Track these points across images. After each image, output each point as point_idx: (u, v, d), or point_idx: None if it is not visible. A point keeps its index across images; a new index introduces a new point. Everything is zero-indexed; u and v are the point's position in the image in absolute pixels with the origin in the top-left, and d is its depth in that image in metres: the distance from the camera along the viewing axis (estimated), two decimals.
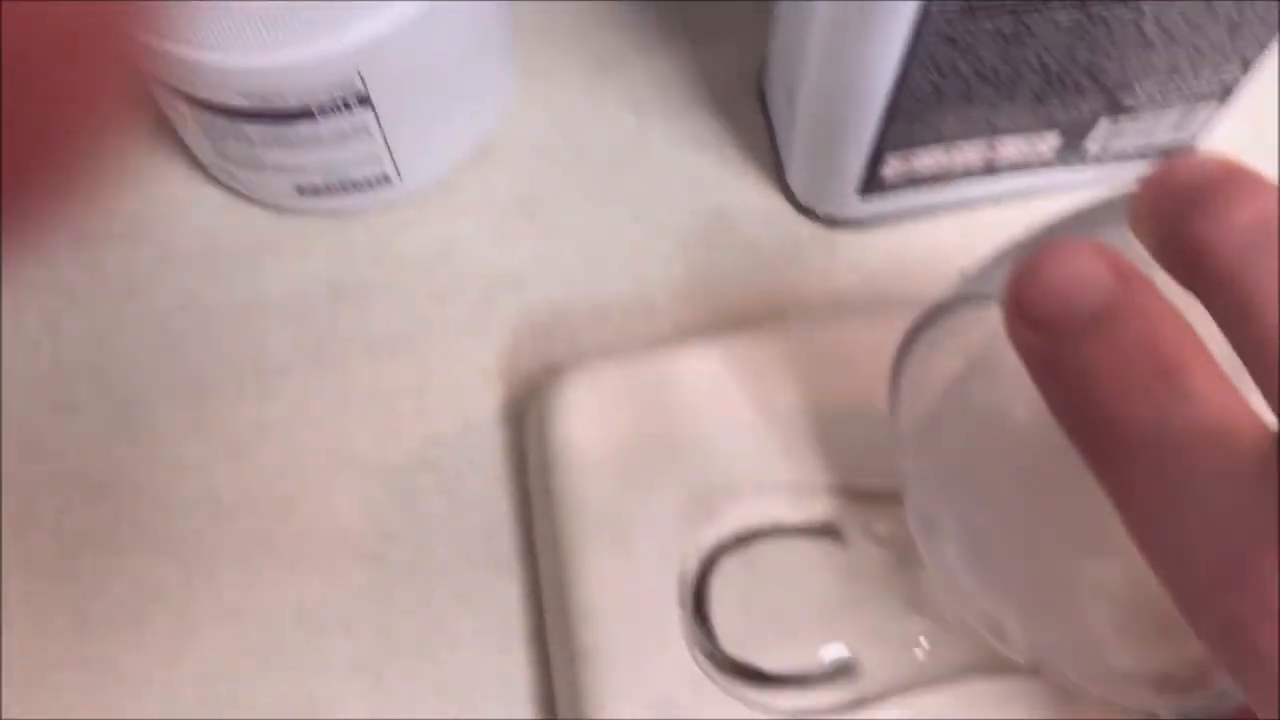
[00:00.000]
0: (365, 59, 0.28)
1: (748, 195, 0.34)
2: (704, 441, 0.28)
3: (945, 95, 0.28)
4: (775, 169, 0.35)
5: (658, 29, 0.36)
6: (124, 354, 0.33)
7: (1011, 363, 0.18)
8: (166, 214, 0.35)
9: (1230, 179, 0.17)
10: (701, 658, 0.27)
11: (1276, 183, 0.17)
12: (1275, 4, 0.27)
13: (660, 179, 0.35)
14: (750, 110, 0.35)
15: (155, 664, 0.30)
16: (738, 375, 0.29)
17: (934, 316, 0.22)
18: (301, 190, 0.32)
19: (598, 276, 0.34)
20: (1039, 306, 0.17)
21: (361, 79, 0.28)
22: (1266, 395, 0.16)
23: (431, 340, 0.33)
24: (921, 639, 0.27)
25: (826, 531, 0.28)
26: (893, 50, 0.27)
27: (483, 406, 0.32)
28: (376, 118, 0.30)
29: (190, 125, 0.31)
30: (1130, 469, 0.16)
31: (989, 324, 0.19)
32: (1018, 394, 0.18)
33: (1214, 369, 0.16)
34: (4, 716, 0.30)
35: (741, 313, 0.33)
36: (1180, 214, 0.17)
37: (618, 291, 0.33)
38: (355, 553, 0.31)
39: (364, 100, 0.29)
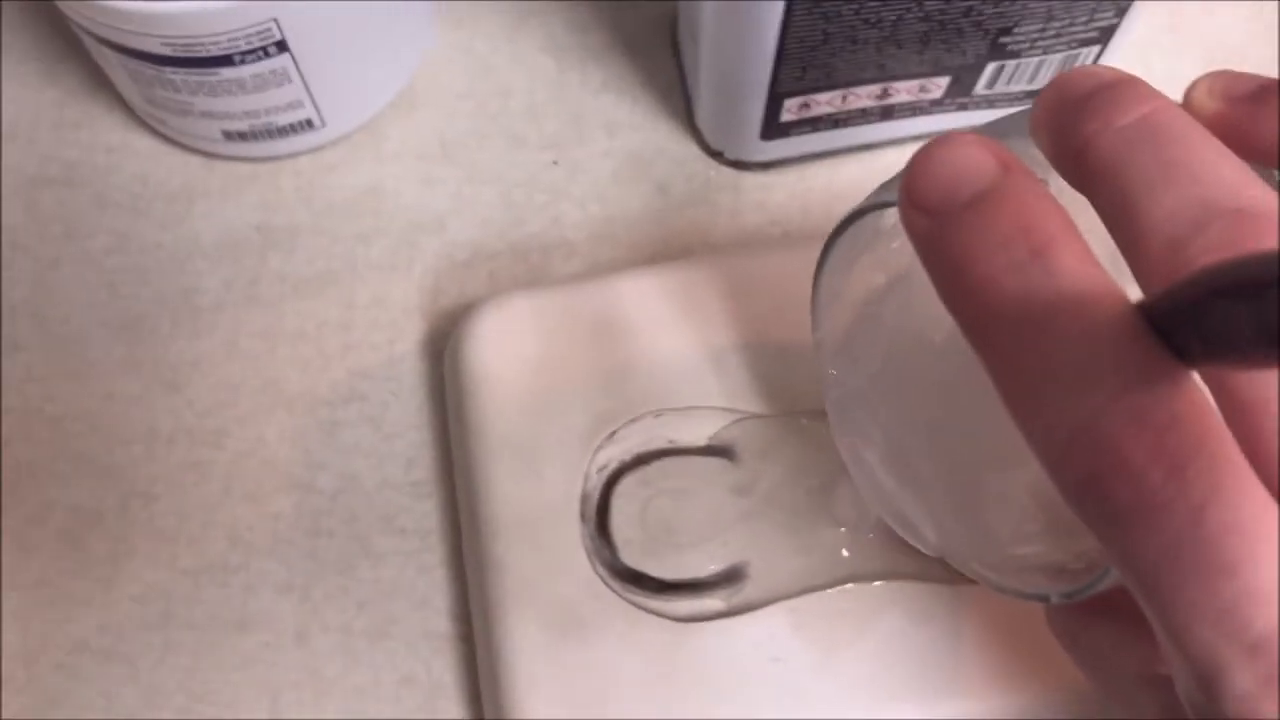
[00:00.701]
0: (281, 5, 0.29)
1: (660, 139, 0.36)
2: (608, 369, 0.30)
3: (833, 39, 0.30)
4: (686, 113, 0.36)
5: None
6: (62, 293, 0.34)
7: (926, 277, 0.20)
8: (102, 160, 0.36)
9: (1116, 85, 0.18)
10: (601, 568, 0.28)
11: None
12: None
13: (577, 123, 0.36)
14: (663, 56, 0.37)
15: (94, 586, 0.32)
16: (641, 308, 0.31)
17: (847, 225, 0.23)
18: (229, 135, 0.34)
19: (517, 217, 0.35)
20: (925, 192, 0.18)
21: (278, 25, 0.30)
22: (1139, 279, 0.17)
23: (357, 279, 0.34)
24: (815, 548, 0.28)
25: (720, 452, 0.30)
26: None
27: (406, 341, 0.34)
28: (295, 63, 0.31)
29: (119, 73, 0.32)
30: (999, 338, 0.17)
31: (907, 242, 0.21)
32: (934, 307, 0.20)
33: (1080, 247, 0.17)
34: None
35: (654, 251, 0.35)
36: (1070, 117, 0.18)
37: (536, 231, 0.35)
38: (284, 480, 0.33)
39: (282, 46, 0.30)
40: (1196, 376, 0.16)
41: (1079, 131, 0.18)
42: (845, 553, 0.28)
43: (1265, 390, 0.16)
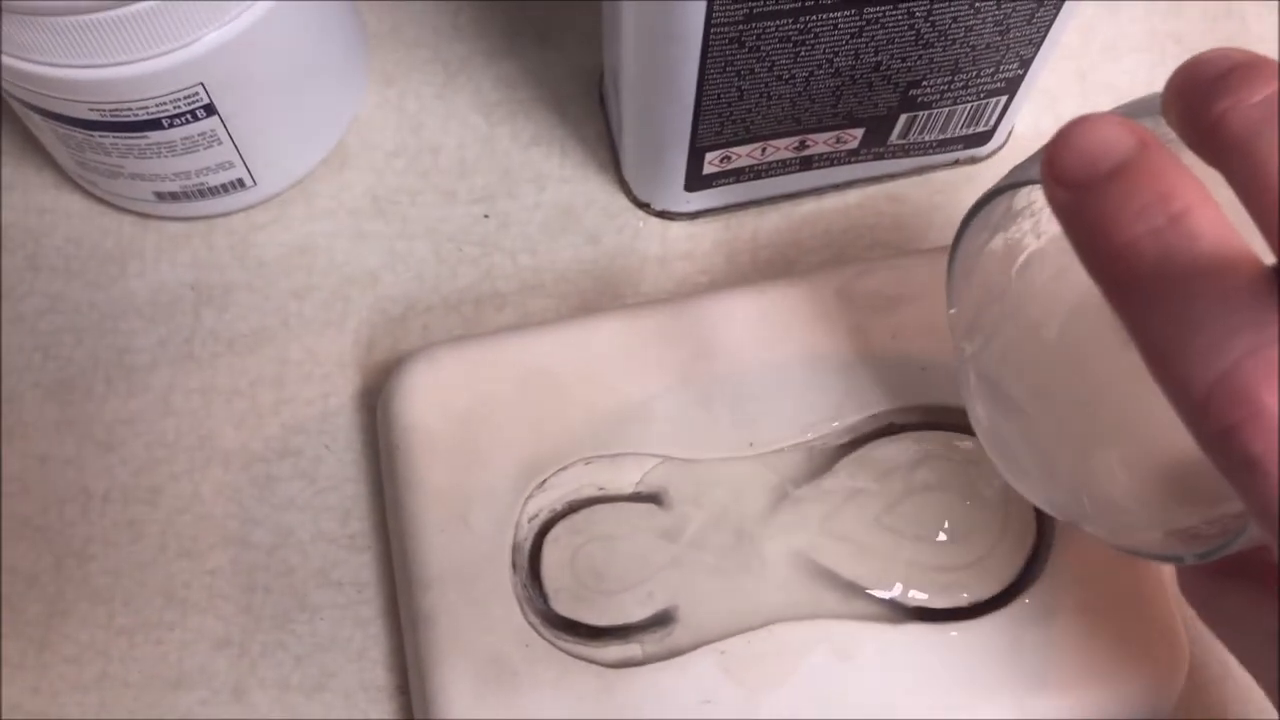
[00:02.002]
0: (206, 68, 0.30)
1: (590, 190, 0.37)
2: (538, 419, 0.30)
3: (748, 95, 0.31)
4: (614, 165, 0.37)
5: (503, 34, 0.39)
6: None
7: (1059, 253, 0.20)
8: (34, 222, 0.36)
9: (1246, 65, 0.19)
10: (533, 616, 0.29)
11: None
12: (1035, 5, 0.30)
13: (507, 177, 0.37)
14: (591, 110, 0.38)
15: (28, 648, 0.32)
16: (570, 357, 0.31)
17: (981, 206, 0.24)
18: (160, 196, 0.34)
19: (449, 270, 0.36)
20: (1068, 167, 0.19)
21: (205, 89, 0.30)
22: (1274, 247, 0.18)
23: (290, 335, 0.35)
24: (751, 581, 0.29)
25: (649, 498, 0.30)
26: (690, 53, 0.29)
27: (340, 396, 0.34)
28: (224, 125, 0.32)
29: (48, 136, 0.33)
30: (1140, 298, 0.18)
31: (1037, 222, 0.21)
32: (1061, 284, 0.21)
33: (1215, 214, 0.18)
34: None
35: (584, 300, 0.36)
36: (1201, 96, 0.19)
37: (468, 284, 0.36)
38: (220, 536, 0.33)
39: (210, 109, 0.31)
40: None
41: (1211, 109, 0.19)
42: (772, 594, 0.29)
43: None
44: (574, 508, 0.30)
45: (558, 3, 0.39)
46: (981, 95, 0.33)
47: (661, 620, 0.29)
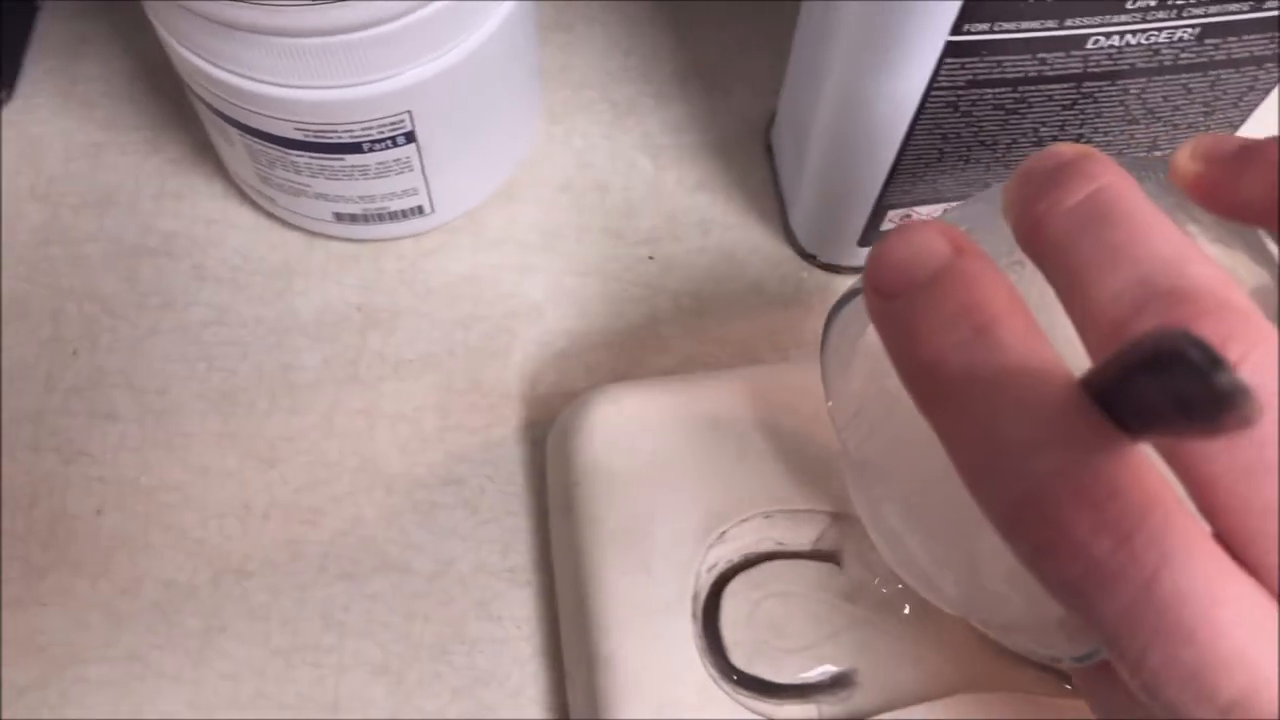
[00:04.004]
0: (416, 97, 0.30)
1: (753, 238, 0.37)
2: (717, 467, 0.30)
3: (946, 157, 0.31)
4: (779, 214, 0.37)
5: (671, 79, 0.39)
6: (159, 364, 0.35)
7: None
8: (201, 232, 0.36)
9: (1069, 167, 0.19)
10: (711, 668, 0.29)
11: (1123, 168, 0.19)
12: (1245, 89, 0.30)
13: (672, 220, 0.37)
14: (757, 158, 0.38)
15: (185, 662, 0.32)
16: (750, 406, 0.31)
17: (843, 304, 0.24)
18: (339, 217, 0.34)
19: (613, 309, 0.36)
20: (883, 276, 0.19)
21: (411, 116, 0.31)
22: (1092, 358, 0.18)
23: (455, 363, 0.35)
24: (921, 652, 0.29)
25: (827, 556, 0.30)
26: (903, 116, 0.29)
27: (503, 427, 0.34)
28: (419, 153, 0.32)
29: (237, 150, 0.33)
30: (947, 412, 0.17)
31: None
32: None
33: (1023, 324, 0.17)
34: (12, 716, 0.31)
35: (745, 348, 0.36)
36: (1025, 197, 0.19)
37: (632, 324, 0.36)
38: (380, 561, 0.33)
39: (410, 136, 0.31)
40: (1149, 450, 0.16)
41: (1031, 211, 0.19)
42: (956, 663, 0.29)
43: (1212, 464, 0.16)
44: (751, 561, 0.30)
45: (727, 50, 0.39)
46: None
47: (841, 682, 0.29)
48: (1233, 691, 0.15)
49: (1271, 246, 0.21)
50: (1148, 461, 0.16)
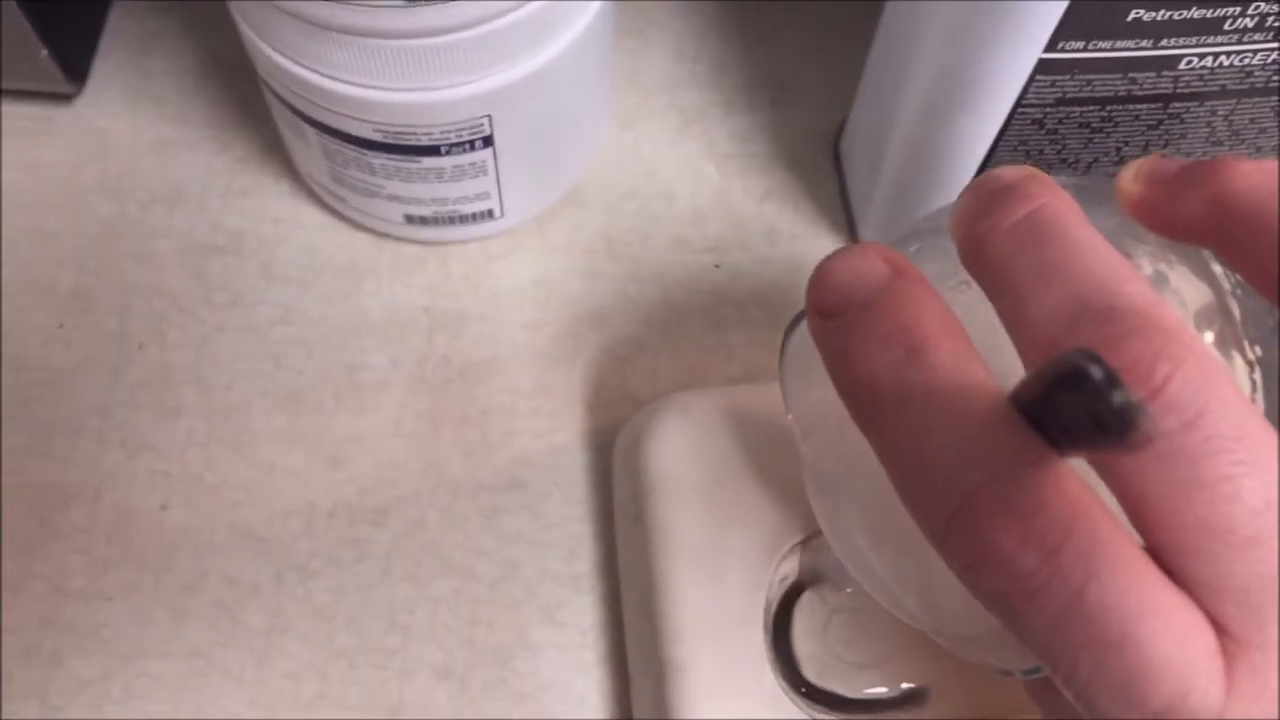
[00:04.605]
0: (497, 101, 0.30)
1: (821, 249, 0.37)
2: (789, 478, 0.30)
3: None
4: (847, 225, 0.37)
5: (739, 88, 0.39)
6: (226, 361, 0.35)
7: None
8: (269, 230, 0.36)
9: (1011, 188, 0.19)
10: (781, 680, 0.29)
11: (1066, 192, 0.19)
12: None
13: (739, 229, 0.37)
14: (825, 168, 0.38)
15: (248, 660, 0.32)
16: None
17: (803, 315, 0.24)
18: (410, 219, 0.34)
19: (678, 317, 0.36)
20: (823, 296, 0.19)
21: (490, 121, 0.30)
22: (1025, 365, 0.18)
23: (521, 368, 0.35)
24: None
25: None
26: (988, 130, 0.29)
27: (567, 432, 0.34)
28: (495, 157, 0.32)
29: (313, 151, 0.33)
30: (881, 428, 0.18)
31: None
32: None
33: (954, 345, 0.18)
34: (16, 716, 0.31)
35: None
36: (970, 218, 0.19)
37: (697, 333, 0.36)
38: (444, 564, 0.33)
39: (488, 140, 0.31)
40: (1082, 464, 0.17)
41: (973, 231, 0.19)
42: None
43: (1143, 480, 0.16)
44: (825, 574, 0.30)
45: (795, 59, 0.39)
46: None
47: (912, 699, 0.29)
48: (1162, 699, 0.16)
49: (1215, 266, 0.21)
50: (1076, 476, 0.17)
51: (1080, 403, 0.14)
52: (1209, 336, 0.20)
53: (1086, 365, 0.14)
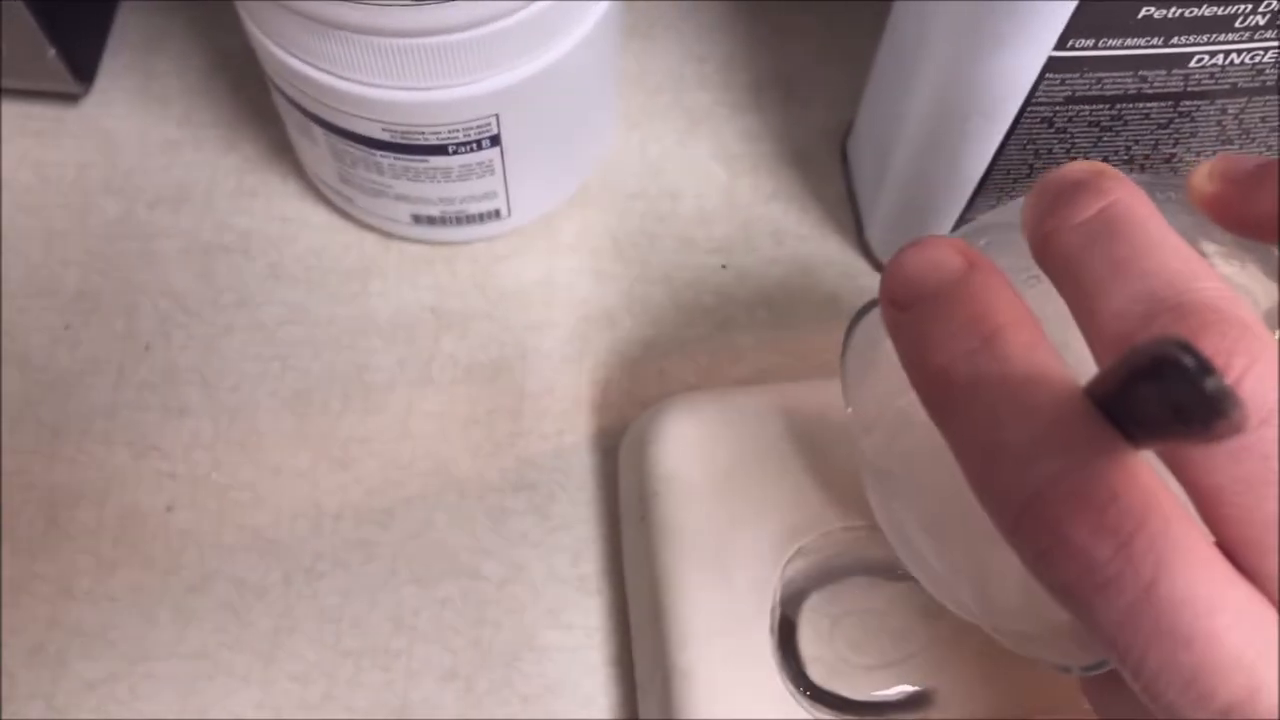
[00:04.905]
0: (505, 100, 0.30)
1: (829, 250, 0.37)
2: (796, 479, 0.30)
3: (1036, 173, 0.31)
4: (855, 226, 0.37)
5: (747, 87, 0.39)
6: (232, 362, 0.35)
7: None
8: (276, 231, 0.36)
9: (1082, 184, 0.19)
10: (789, 682, 0.28)
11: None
12: None
13: (746, 229, 0.37)
14: (832, 169, 0.37)
15: (254, 662, 0.31)
16: (827, 418, 0.31)
17: (865, 311, 0.24)
18: (417, 219, 0.34)
19: (686, 318, 0.36)
20: (898, 288, 0.19)
21: (498, 120, 0.30)
22: (1097, 361, 0.18)
23: (528, 368, 0.35)
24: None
25: (907, 574, 0.30)
26: (996, 129, 0.29)
27: (574, 433, 0.34)
28: (502, 156, 0.32)
29: (319, 150, 0.33)
30: (955, 419, 0.18)
31: None
32: None
33: (1028, 336, 0.18)
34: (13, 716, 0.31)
35: (821, 361, 0.35)
36: (1038, 214, 0.19)
37: (705, 334, 0.35)
38: (451, 565, 0.32)
39: (495, 140, 0.31)
40: (1151, 457, 0.17)
41: (1044, 226, 0.19)
42: (1038, 684, 0.28)
43: (1216, 476, 0.16)
44: (832, 576, 0.29)
45: (802, 59, 0.39)
46: None
47: (919, 701, 0.28)
48: (1230, 695, 0.16)
49: None
50: (1149, 468, 0.17)
51: (1162, 393, 0.14)
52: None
53: (1178, 353, 0.14)
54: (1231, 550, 0.16)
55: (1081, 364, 0.18)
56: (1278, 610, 0.16)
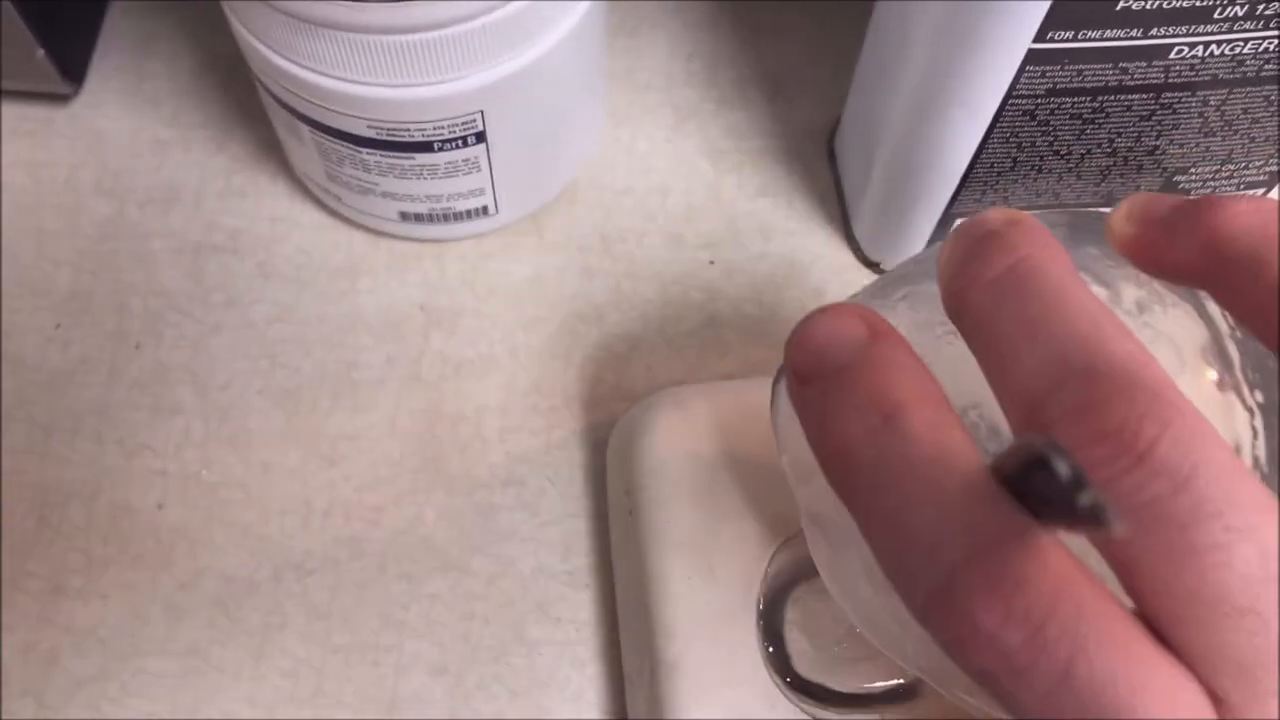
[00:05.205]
0: (490, 97, 0.30)
1: (816, 245, 0.37)
2: (782, 473, 0.30)
3: (1019, 166, 0.31)
4: (842, 221, 0.37)
5: (734, 84, 0.39)
6: (222, 360, 0.35)
7: None
8: (265, 230, 0.36)
9: (992, 237, 0.18)
10: (775, 675, 0.28)
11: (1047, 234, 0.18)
12: None
13: (733, 225, 0.37)
14: (819, 164, 0.38)
15: (244, 658, 0.32)
16: None
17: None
18: (404, 216, 0.34)
19: (674, 314, 0.36)
20: (800, 361, 0.19)
21: (483, 116, 0.31)
22: (1010, 425, 0.17)
23: (517, 365, 0.35)
24: None
25: None
26: (979, 122, 0.29)
27: (563, 429, 0.34)
28: (488, 153, 0.32)
29: (307, 148, 0.33)
30: (859, 499, 0.17)
31: None
32: None
33: (932, 412, 0.17)
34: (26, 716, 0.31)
35: None
36: (953, 269, 0.18)
37: (692, 329, 0.36)
38: (440, 561, 0.33)
39: (481, 136, 0.31)
40: (1067, 538, 0.16)
41: (955, 283, 0.18)
42: None
43: (1133, 547, 0.15)
44: (816, 569, 0.30)
45: (789, 56, 0.39)
46: (1242, 186, 0.33)
47: (905, 693, 0.28)
48: None
49: (1213, 307, 0.20)
50: (1059, 547, 0.16)
51: (1053, 479, 0.14)
52: (1210, 376, 0.20)
53: (1053, 460, 0.13)
54: (1154, 622, 0.16)
55: (1002, 421, 0.18)
56: (1203, 686, 0.16)
